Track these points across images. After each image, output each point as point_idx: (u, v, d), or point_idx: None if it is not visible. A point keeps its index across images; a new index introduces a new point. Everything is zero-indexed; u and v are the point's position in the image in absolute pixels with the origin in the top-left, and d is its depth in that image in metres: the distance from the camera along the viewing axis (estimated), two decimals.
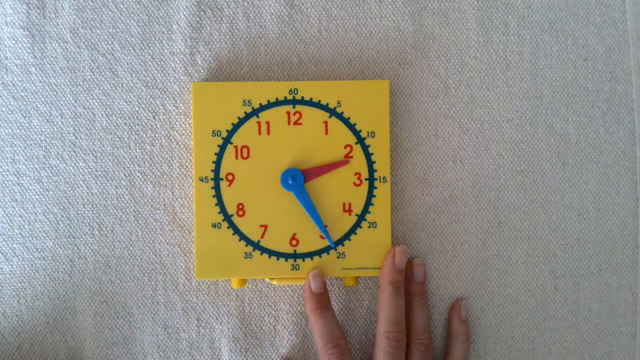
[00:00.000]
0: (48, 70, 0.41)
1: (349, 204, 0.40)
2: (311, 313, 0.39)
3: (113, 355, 0.41)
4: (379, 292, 0.39)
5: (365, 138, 0.40)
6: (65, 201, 0.41)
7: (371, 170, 0.40)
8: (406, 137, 0.42)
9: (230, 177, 0.39)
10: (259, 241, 0.39)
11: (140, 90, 0.41)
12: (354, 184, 0.40)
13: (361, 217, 0.40)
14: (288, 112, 0.39)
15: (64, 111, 0.41)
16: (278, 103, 0.39)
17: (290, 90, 0.39)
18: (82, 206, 0.41)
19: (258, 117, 0.39)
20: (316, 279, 0.39)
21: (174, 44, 0.41)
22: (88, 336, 0.41)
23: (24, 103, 0.41)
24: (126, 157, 0.41)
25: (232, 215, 0.39)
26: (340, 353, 0.38)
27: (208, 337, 0.41)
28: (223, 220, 0.39)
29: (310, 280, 0.39)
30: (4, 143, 0.41)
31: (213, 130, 0.39)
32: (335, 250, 0.40)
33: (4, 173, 0.41)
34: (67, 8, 0.41)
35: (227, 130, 0.39)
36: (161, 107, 0.41)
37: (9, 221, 0.41)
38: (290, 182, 0.39)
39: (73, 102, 0.41)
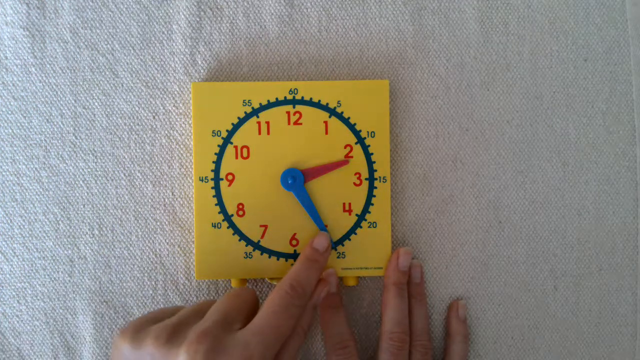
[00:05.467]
0: (48, 70, 0.41)
1: (349, 204, 0.40)
2: (323, 311, 0.39)
3: None
4: (383, 293, 0.40)
5: (365, 138, 0.40)
6: (65, 201, 0.41)
7: (371, 170, 0.40)
8: (406, 137, 0.42)
9: (230, 177, 0.39)
10: (259, 241, 0.39)
11: (140, 90, 0.41)
12: (354, 183, 0.40)
13: (361, 217, 0.40)
14: (288, 112, 0.39)
15: (64, 111, 0.41)
16: (278, 103, 0.39)
17: (290, 90, 0.39)
18: (82, 206, 0.41)
19: (258, 117, 0.39)
20: (330, 277, 0.39)
21: (174, 44, 0.41)
22: (88, 336, 0.41)
23: (24, 103, 0.41)
24: (126, 157, 0.41)
25: (232, 215, 0.39)
26: (348, 354, 0.38)
27: None
28: (223, 220, 0.39)
29: (324, 278, 0.39)
30: (4, 143, 0.41)
31: (213, 130, 0.39)
32: (336, 250, 0.40)
33: (4, 173, 0.41)
34: (67, 8, 0.41)
35: (227, 130, 0.39)
36: (161, 107, 0.41)
37: (9, 221, 0.41)
38: (290, 182, 0.39)
39: (73, 102, 0.41)
